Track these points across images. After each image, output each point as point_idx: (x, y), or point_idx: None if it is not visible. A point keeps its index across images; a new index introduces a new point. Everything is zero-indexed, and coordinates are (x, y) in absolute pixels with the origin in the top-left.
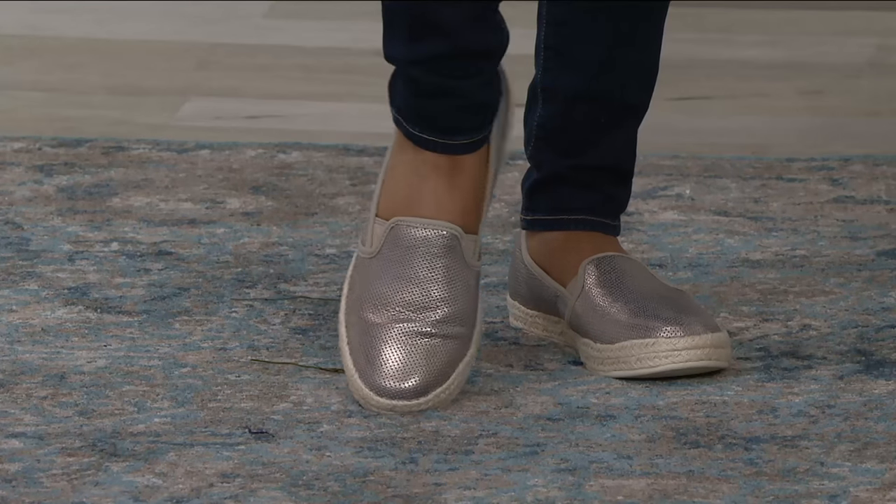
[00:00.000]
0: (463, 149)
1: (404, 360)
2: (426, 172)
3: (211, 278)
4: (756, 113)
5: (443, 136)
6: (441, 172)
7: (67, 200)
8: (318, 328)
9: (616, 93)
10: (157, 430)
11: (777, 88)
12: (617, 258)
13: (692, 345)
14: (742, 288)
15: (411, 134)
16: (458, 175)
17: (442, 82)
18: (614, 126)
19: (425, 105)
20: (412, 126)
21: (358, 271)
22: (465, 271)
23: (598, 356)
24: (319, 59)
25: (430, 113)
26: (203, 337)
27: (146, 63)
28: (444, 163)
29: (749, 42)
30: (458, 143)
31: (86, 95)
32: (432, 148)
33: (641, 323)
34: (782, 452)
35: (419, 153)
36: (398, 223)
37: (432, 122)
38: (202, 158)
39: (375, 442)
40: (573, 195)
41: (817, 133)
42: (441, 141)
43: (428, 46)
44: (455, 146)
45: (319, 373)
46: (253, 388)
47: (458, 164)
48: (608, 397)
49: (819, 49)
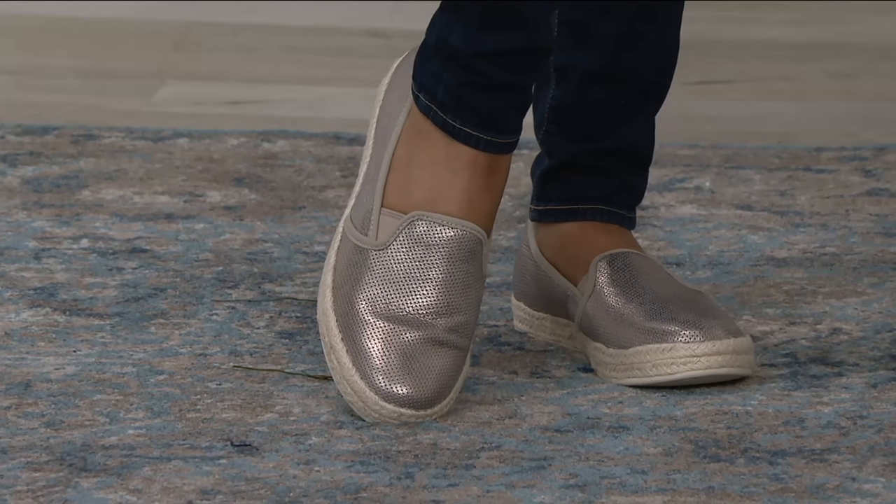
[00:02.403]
0: (506, 148)
1: (413, 366)
2: (460, 169)
3: (189, 278)
4: (782, 98)
5: (490, 132)
6: (478, 170)
7: (33, 193)
8: (306, 332)
9: (636, 73)
10: (130, 442)
11: (805, 71)
12: (631, 255)
13: (712, 350)
14: (766, 288)
15: (449, 126)
16: (494, 175)
17: (508, 78)
18: (633, 109)
19: (481, 99)
20: (453, 118)
21: (349, 260)
22: (480, 280)
23: (611, 362)
24: (307, 40)
25: (483, 108)
26: (181, 342)
27: (119, 44)
28: (483, 161)
29: (775, 20)
30: (503, 141)
31: (53, 79)
32: (474, 144)
33: (658, 326)
34: (810, 467)
35: (453, 147)
36: (420, 218)
37: (482, 117)
38: (180, 148)
39: (368, 455)
40: (588, 183)
41: (849, 120)
42: (486, 138)
43: (504, 39)
44: (500, 144)
45: (307, 380)
46: (235, 397)
47: (496, 164)
48: (621, 407)
49: (851, 28)
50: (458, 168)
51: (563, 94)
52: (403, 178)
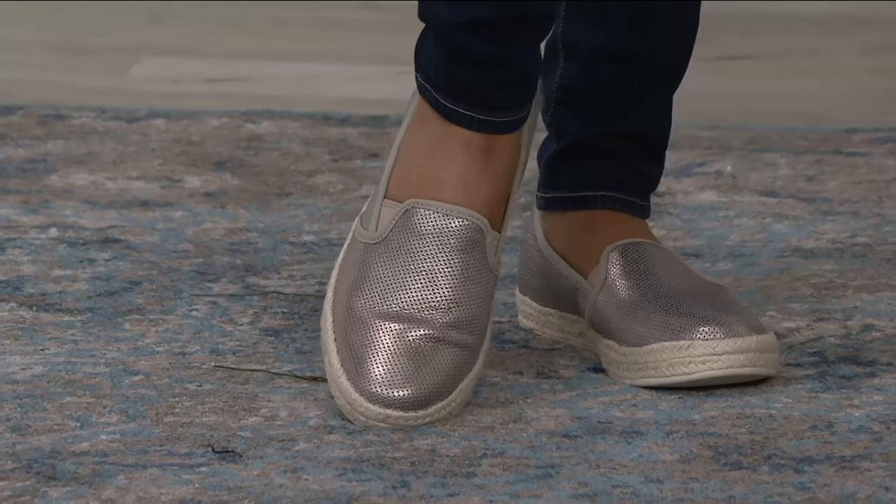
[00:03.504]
0: (502, 127)
1: (403, 365)
2: (454, 151)
3: (167, 270)
4: (809, 75)
5: (481, 110)
6: (472, 152)
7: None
8: (294, 329)
9: (649, 52)
10: (103, 448)
11: (835, 46)
12: (646, 245)
13: (734, 348)
14: (793, 282)
15: (441, 105)
16: (492, 158)
17: (490, 50)
18: (647, 89)
19: (466, 74)
20: (444, 97)
21: (353, 258)
22: (485, 272)
23: (624, 361)
24: (294, 11)
25: (470, 83)
26: (158, 339)
27: (90, 16)
28: (477, 142)
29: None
30: (498, 120)
31: (18, 54)
32: (466, 124)
33: (674, 322)
34: (840, 475)
35: (447, 128)
36: (414, 206)
37: (471, 94)
38: (156, 129)
39: (361, 462)
40: (598, 168)
41: (882, 98)
42: (478, 116)
43: (474, 7)
44: (494, 123)
45: (295, 381)
46: (217, 399)
47: (492, 145)
48: (634, 410)
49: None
50: (452, 151)
51: (571, 72)
52: (406, 165)
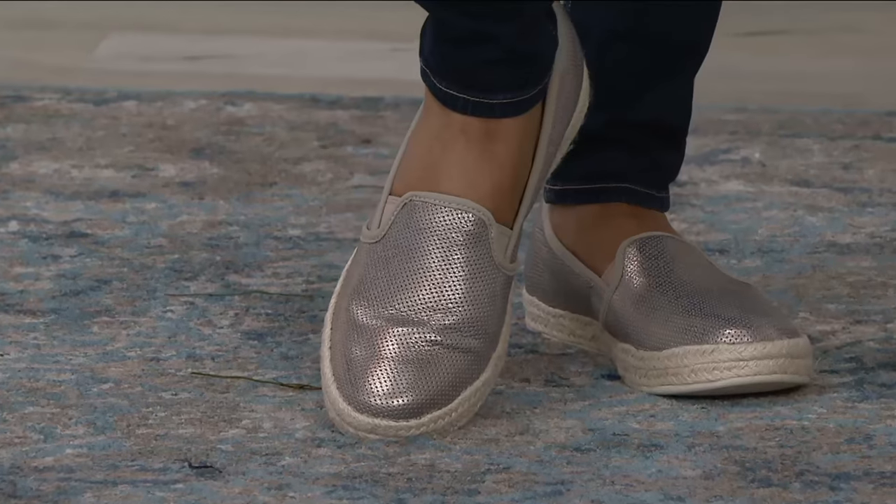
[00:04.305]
0: (501, 110)
1: (396, 370)
2: (451, 138)
3: (139, 268)
4: (847, 53)
5: (476, 92)
6: (470, 139)
7: None
8: (279, 332)
9: (667, 29)
10: (69, 464)
11: (873, 21)
12: (666, 239)
13: (762, 353)
14: (827, 280)
15: (437, 89)
16: (493, 144)
17: (471, 25)
18: (664, 73)
19: (454, 53)
20: (439, 80)
21: (356, 262)
22: (491, 271)
23: (641, 367)
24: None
25: (462, 63)
26: (129, 344)
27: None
28: (475, 127)
29: None
30: (496, 102)
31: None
32: (461, 108)
33: (697, 324)
34: (879, 493)
35: (445, 115)
36: (412, 199)
37: (463, 75)
38: (127, 112)
39: (352, 479)
40: (611, 159)
41: None
42: (473, 99)
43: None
44: (490, 106)
45: (280, 390)
46: (194, 409)
47: (493, 131)
48: (653, 421)
49: None
50: (449, 138)
51: None
52: (410, 158)
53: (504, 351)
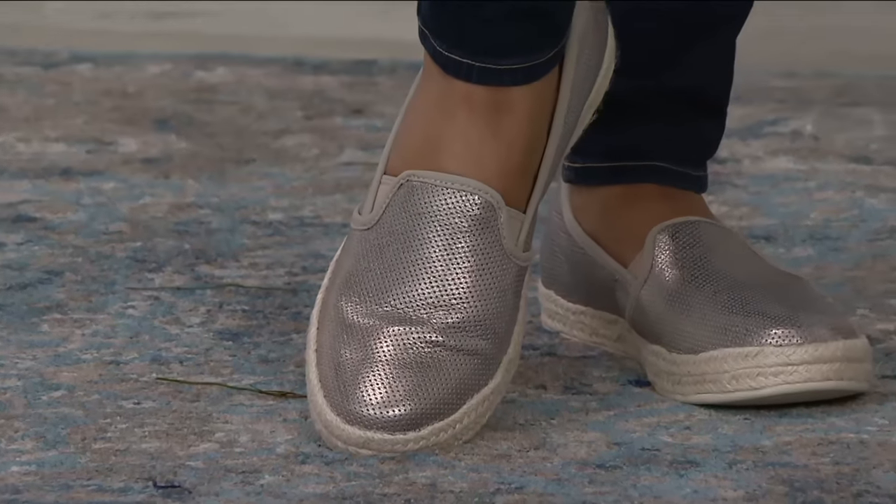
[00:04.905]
0: (511, 77)
1: (392, 376)
2: (453, 110)
3: (95, 257)
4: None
5: (482, 57)
6: (476, 110)
7: None
8: (257, 331)
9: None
10: (15, 483)
11: None
12: (702, 225)
13: (814, 357)
14: (890, 272)
15: (437, 53)
16: (501, 116)
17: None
18: (701, 33)
19: (456, 11)
20: (440, 42)
21: (346, 251)
22: (501, 261)
23: (675, 372)
24: None
25: (466, 22)
26: (84, 345)
27: None
28: (481, 97)
29: None
30: (504, 68)
31: None
32: (464, 75)
33: (739, 323)
34: None
35: (448, 82)
36: (409, 179)
37: (468, 36)
38: (81, 77)
39: (342, 500)
40: (640, 133)
41: None
42: (479, 65)
43: None
44: (498, 73)
45: (259, 397)
46: (160, 420)
47: (500, 101)
48: (688, 434)
49: None
50: (452, 109)
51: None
52: (407, 132)
53: (517, 353)
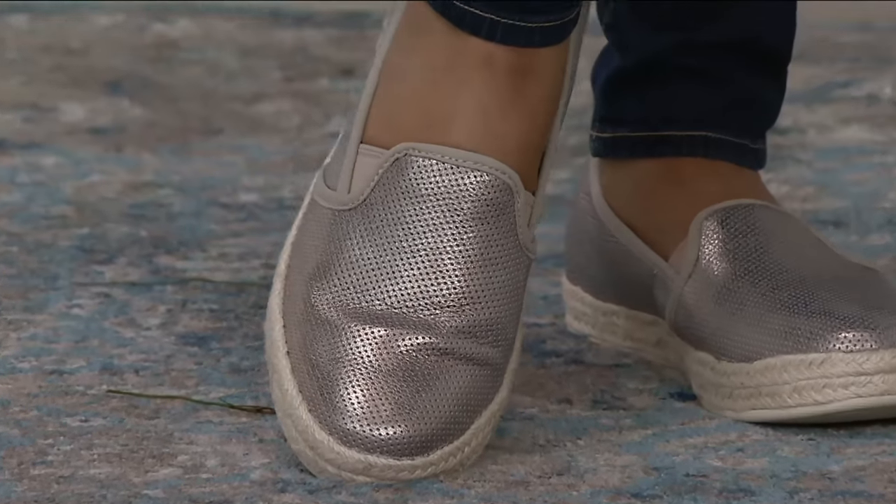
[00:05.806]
0: (541, 36)
1: (393, 389)
2: (469, 73)
3: (34, 246)
4: None
5: (510, 12)
6: (497, 74)
7: None
8: (228, 335)
9: None
10: None
11: None
12: (758, 209)
13: (892, 365)
14: None
15: (450, 6)
16: (527, 83)
17: None
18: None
19: None
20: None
21: (313, 233)
22: (515, 254)
23: (725, 384)
24: None
25: None
26: (21, 351)
27: None
28: (503, 59)
29: None
30: (535, 25)
31: None
32: (487, 32)
33: (802, 325)
34: None
35: (459, 40)
36: (408, 153)
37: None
38: (14, 30)
39: None
40: (683, 95)
41: None
42: (505, 21)
43: None
44: (528, 31)
45: (229, 414)
46: (112, 441)
47: (527, 65)
48: (741, 458)
49: None
50: (466, 72)
51: None
52: (391, 97)
53: (518, 361)
